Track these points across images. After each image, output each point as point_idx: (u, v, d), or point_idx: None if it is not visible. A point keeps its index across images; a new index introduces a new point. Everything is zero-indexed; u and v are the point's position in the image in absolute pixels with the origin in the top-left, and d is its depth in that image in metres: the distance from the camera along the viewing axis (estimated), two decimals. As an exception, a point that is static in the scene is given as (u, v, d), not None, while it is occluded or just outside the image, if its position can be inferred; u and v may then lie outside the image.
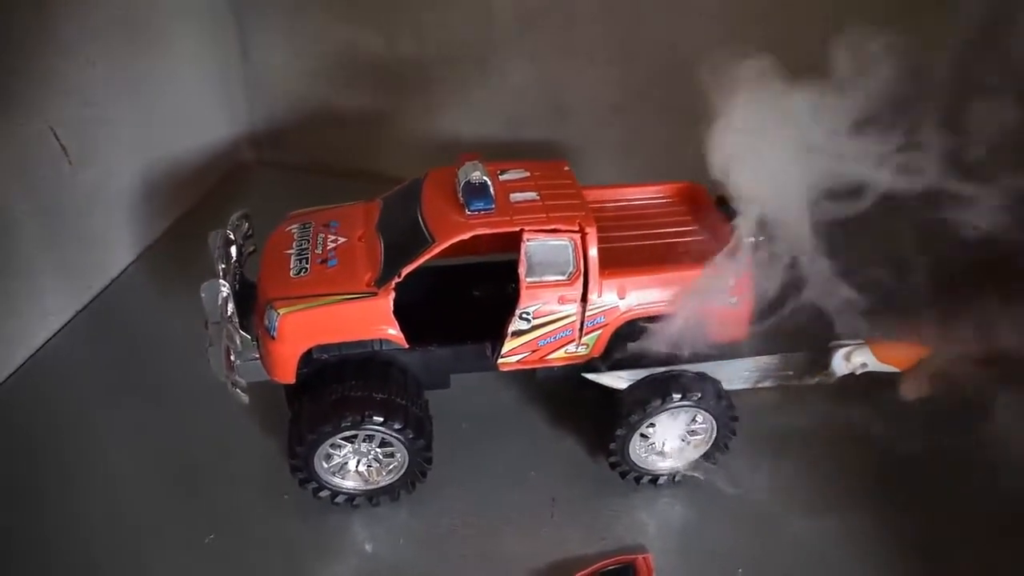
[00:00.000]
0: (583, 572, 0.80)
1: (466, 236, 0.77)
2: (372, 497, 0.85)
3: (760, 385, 0.89)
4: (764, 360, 0.88)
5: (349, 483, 0.84)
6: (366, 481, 0.84)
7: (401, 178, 0.87)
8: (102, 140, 1.13)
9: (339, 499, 0.85)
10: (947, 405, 0.87)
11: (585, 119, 1.25)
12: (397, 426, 0.79)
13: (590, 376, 0.85)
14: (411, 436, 0.80)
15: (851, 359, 0.86)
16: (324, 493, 0.84)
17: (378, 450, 0.82)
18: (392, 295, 0.78)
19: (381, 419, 0.79)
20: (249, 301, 0.84)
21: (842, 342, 0.87)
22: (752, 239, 0.85)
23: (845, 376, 0.88)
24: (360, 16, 1.28)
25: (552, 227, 0.78)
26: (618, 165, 1.20)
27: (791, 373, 0.88)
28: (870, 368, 0.87)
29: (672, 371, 0.83)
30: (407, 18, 1.26)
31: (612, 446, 0.85)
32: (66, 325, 1.10)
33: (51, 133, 1.03)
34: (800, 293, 0.79)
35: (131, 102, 1.17)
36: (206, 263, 0.84)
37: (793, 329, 0.81)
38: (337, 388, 0.80)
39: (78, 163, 1.08)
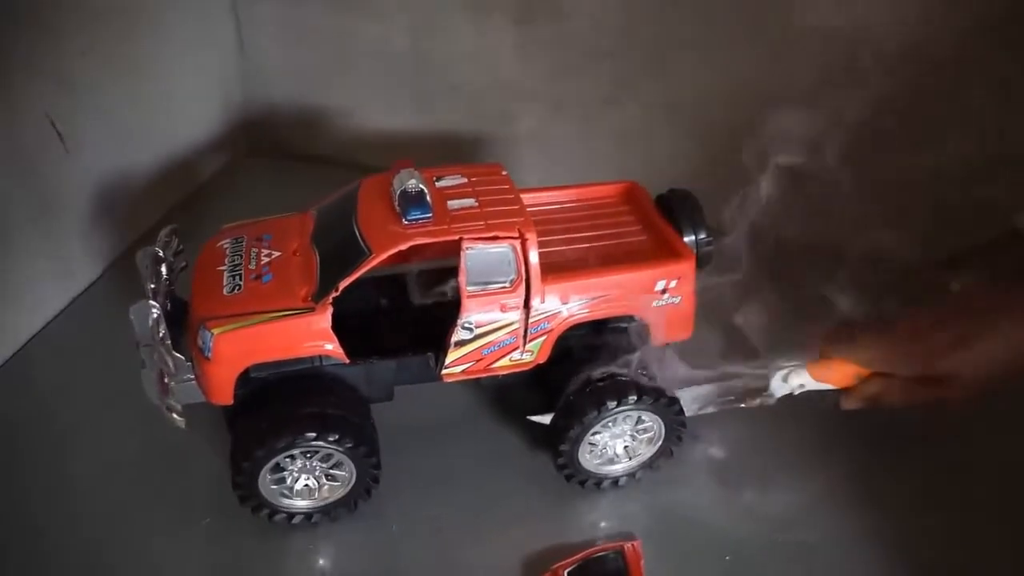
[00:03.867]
0: (573, 558, 0.80)
1: (404, 247, 0.75)
2: (329, 511, 0.83)
3: (702, 412, 0.89)
4: (703, 389, 0.88)
5: (302, 502, 0.82)
6: (317, 498, 0.82)
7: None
8: (97, 128, 1.11)
9: (296, 519, 0.83)
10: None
11: (577, 112, 1.25)
12: (332, 438, 0.77)
13: (533, 418, 0.86)
14: (350, 446, 0.78)
15: (789, 380, 0.87)
16: (279, 516, 0.82)
17: (321, 464, 0.80)
18: (330, 310, 0.75)
19: (314, 434, 0.76)
20: (182, 319, 0.81)
21: (779, 364, 0.87)
22: (695, 238, 0.85)
23: (785, 396, 0.89)
24: (355, 9, 1.28)
25: (492, 234, 0.76)
26: (610, 158, 1.20)
27: (732, 398, 0.89)
28: (808, 388, 0.87)
29: (605, 378, 0.82)
30: (402, 11, 1.26)
31: (560, 460, 0.84)
32: (61, 312, 1.10)
33: (48, 120, 1.02)
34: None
35: (125, 91, 1.16)
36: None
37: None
38: (271, 409, 0.78)
39: (73, 151, 1.07)
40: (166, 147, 1.28)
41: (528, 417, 0.87)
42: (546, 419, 0.86)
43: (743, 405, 0.89)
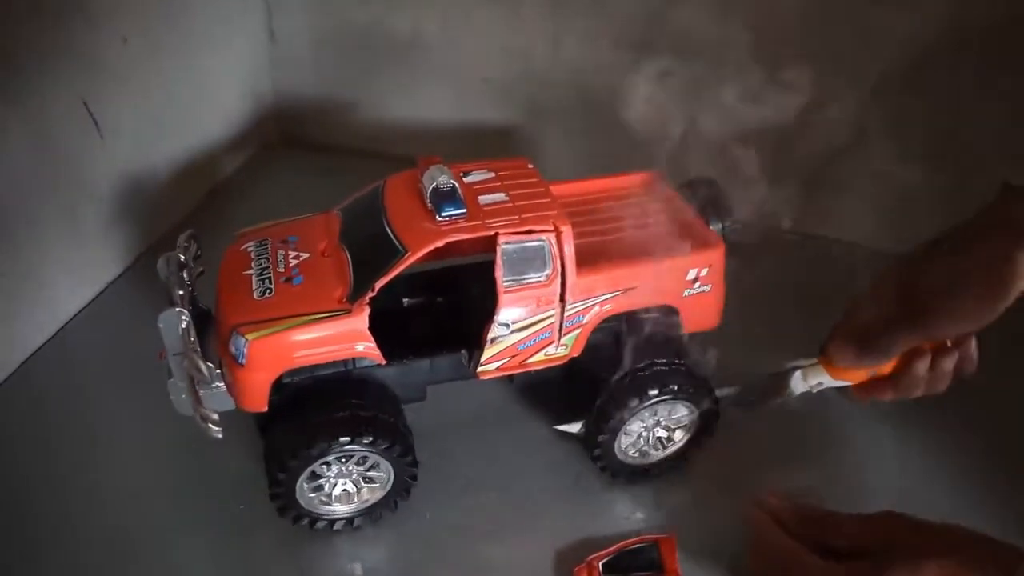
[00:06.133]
0: (607, 550, 0.80)
1: (440, 244, 0.74)
2: (371, 513, 0.82)
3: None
4: (723, 391, 0.88)
5: (342, 507, 0.81)
6: (357, 501, 0.81)
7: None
8: (132, 116, 1.12)
9: (338, 525, 0.82)
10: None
11: (609, 104, 1.23)
12: (366, 441, 0.76)
13: (561, 427, 0.87)
14: (385, 447, 0.77)
15: (807, 379, 0.88)
16: (321, 524, 0.81)
17: (357, 467, 0.79)
18: (367, 310, 0.74)
19: (348, 438, 0.75)
20: (205, 326, 0.79)
21: (797, 363, 0.88)
22: (721, 225, 0.85)
23: (804, 393, 0.89)
24: (386, 0, 1.27)
25: (527, 228, 0.75)
26: (642, 150, 1.19)
27: (752, 399, 0.89)
28: (826, 385, 0.88)
29: (645, 367, 0.82)
30: (433, 1, 1.25)
31: (596, 451, 0.84)
32: (95, 299, 1.11)
33: (83, 106, 1.02)
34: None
35: (161, 80, 1.16)
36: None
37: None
38: (303, 416, 0.76)
39: (108, 138, 1.07)
40: (196, 136, 1.28)
41: (555, 427, 0.88)
42: (573, 428, 0.87)
43: (763, 405, 0.90)
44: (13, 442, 0.92)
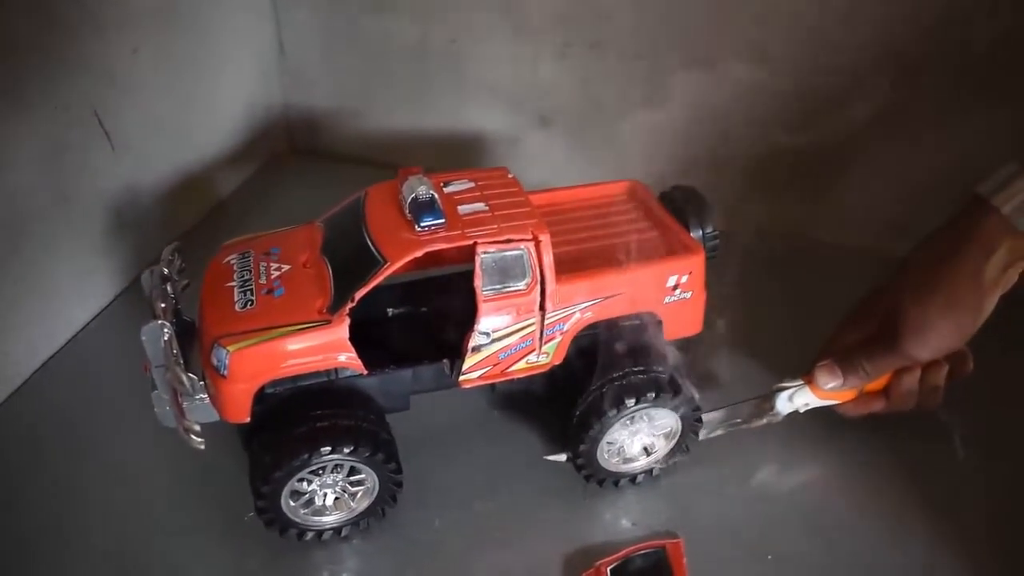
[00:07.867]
0: (615, 556, 0.80)
1: (419, 254, 0.74)
2: (359, 523, 0.82)
3: (712, 435, 0.90)
4: (711, 414, 0.89)
5: (330, 517, 0.81)
6: (344, 510, 0.81)
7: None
8: (143, 127, 1.13)
9: (326, 535, 0.82)
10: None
11: (615, 113, 1.25)
12: (349, 449, 0.76)
13: (550, 457, 0.88)
14: (367, 454, 0.77)
15: (794, 400, 0.89)
16: (309, 535, 0.81)
17: (335, 476, 0.79)
18: (347, 321, 0.74)
19: (307, 455, 0.75)
20: (188, 339, 0.80)
21: (783, 385, 0.90)
22: (701, 232, 0.86)
23: (791, 413, 0.90)
24: (395, 10, 1.28)
25: (505, 237, 0.76)
26: (649, 159, 1.20)
27: (740, 420, 0.91)
28: (812, 406, 0.90)
29: (621, 376, 0.82)
30: (440, 12, 1.26)
31: (579, 460, 0.84)
32: (105, 308, 1.12)
33: (95, 117, 1.03)
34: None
35: (172, 91, 1.17)
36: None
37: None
38: (297, 421, 0.76)
39: (118, 149, 1.08)
40: (206, 147, 1.29)
41: (545, 457, 0.89)
42: (562, 457, 0.87)
43: (751, 426, 0.91)
44: (25, 451, 0.92)
